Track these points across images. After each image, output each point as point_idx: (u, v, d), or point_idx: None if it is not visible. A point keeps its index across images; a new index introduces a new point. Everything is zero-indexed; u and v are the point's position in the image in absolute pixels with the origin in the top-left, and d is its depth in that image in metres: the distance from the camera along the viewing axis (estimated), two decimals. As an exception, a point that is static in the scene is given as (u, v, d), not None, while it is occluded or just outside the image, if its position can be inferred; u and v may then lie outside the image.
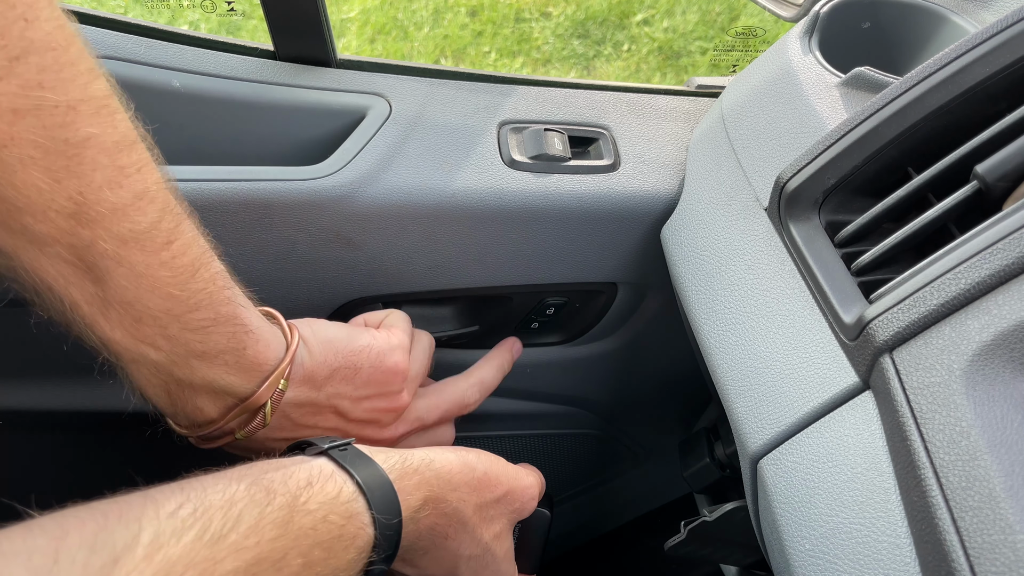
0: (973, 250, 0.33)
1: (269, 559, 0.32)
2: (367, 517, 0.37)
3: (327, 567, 0.35)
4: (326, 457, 0.39)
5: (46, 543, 0.27)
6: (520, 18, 1.98)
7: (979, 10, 0.50)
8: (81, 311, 0.36)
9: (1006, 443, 0.29)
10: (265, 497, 0.34)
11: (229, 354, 0.40)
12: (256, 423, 0.42)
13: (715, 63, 1.78)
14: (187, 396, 0.41)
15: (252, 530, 0.32)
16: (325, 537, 0.35)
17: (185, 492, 0.32)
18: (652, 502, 0.94)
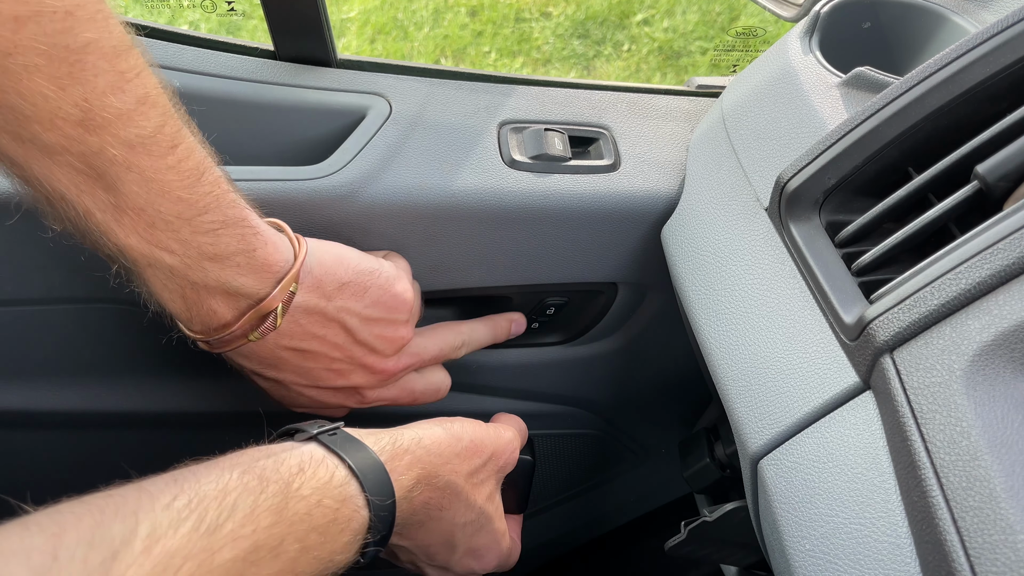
0: (974, 250, 0.33)
1: (266, 546, 0.33)
2: (361, 500, 0.37)
3: (324, 551, 0.35)
4: (316, 442, 0.39)
5: (44, 541, 0.27)
6: (520, 18, 1.98)
7: (979, 10, 0.50)
8: (95, 219, 0.36)
9: (1007, 443, 0.29)
10: (258, 485, 0.34)
11: (240, 255, 0.40)
12: (267, 325, 0.43)
13: (715, 63, 1.78)
14: (202, 299, 0.41)
15: (248, 518, 0.32)
16: (320, 522, 0.35)
17: (179, 483, 0.32)
18: (652, 502, 0.94)
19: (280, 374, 0.47)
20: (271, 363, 0.46)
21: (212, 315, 0.42)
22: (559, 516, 0.89)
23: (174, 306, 0.41)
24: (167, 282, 0.40)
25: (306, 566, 0.35)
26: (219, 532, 0.31)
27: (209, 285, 0.40)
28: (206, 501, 0.32)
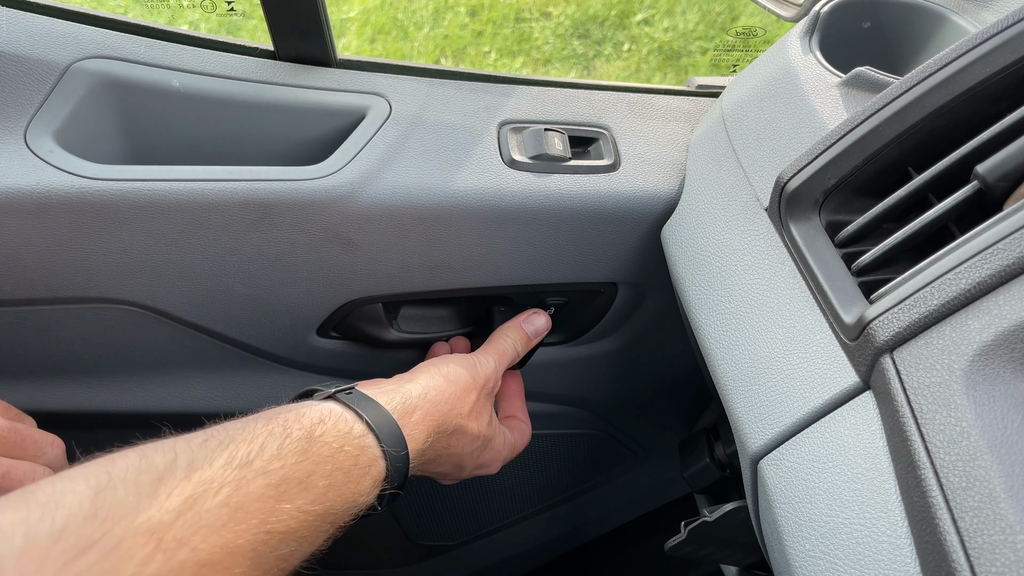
0: (974, 250, 0.33)
1: (295, 478, 0.36)
2: (378, 451, 0.41)
3: (347, 490, 0.38)
4: (333, 400, 0.42)
5: (98, 467, 0.31)
6: (520, 18, 1.98)
7: (979, 10, 0.50)
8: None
9: (1006, 443, 0.29)
10: (283, 431, 0.37)
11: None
12: None
13: (715, 63, 1.78)
14: None
15: (275, 456, 0.36)
16: (343, 464, 0.38)
17: (208, 431, 0.36)
18: (652, 502, 0.94)
19: None
20: None
21: None
22: (559, 516, 0.89)
23: None
24: None
25: (333, 501, 0.38)
26: (249, 466, 0.35)
27: None
28: (236, 441, 0.35)
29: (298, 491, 0.36)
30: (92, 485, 0.30)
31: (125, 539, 0.29)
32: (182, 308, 0.55)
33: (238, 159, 0.56)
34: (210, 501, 0.32)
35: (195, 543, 0.31)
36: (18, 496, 0.29)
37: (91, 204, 0.49)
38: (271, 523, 0.34)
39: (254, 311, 0.56)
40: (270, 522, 0.34)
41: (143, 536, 0.30)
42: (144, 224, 0.50)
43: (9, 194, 0.48)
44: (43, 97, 0.50)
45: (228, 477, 0.33)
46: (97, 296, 0.53)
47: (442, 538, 0.85)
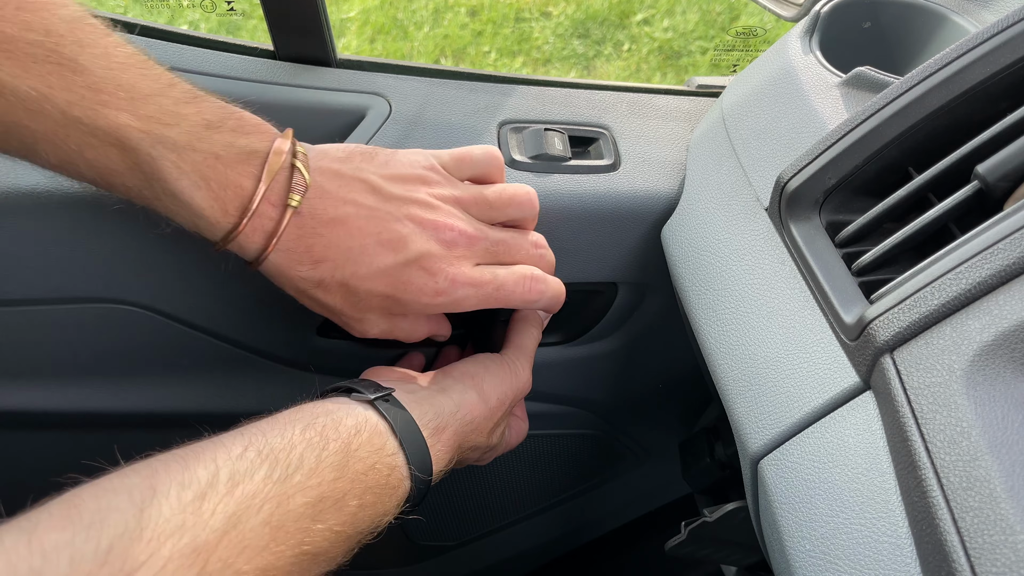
0: (974, 250, 0.33)
1: (331, 498, 0.36)
2: (406, 471, 0.40)
3: (376, 510, 0.39)
4: (371, 407, 0.41)
5: (141, 480, 0.31)
6: (520, 18, 1.98)
7: (980, 10, 0.50)
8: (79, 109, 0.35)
9: (1007, 443, 0.29)
10: (320, 441, 0.37)
11: (230, 120, 0.39)
12: (297, 182, 0.40)
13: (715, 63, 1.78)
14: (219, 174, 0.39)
15: (313, 472, 0.35)
16: (374, 483, 0.38)
17: (246, 437, 0.35)
18: (652, 502, 0.94)
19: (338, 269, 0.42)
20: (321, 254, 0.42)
21: (239, 190, 0.39)
22: (559, 516, 0.89)
23: (198, 196, 0.39)
24: (180, 164, 0.38)
25: (362, 521, 0.38)
26: (289, 481, 0.34)
27: (219, 153, 0.38)
28: (275, 453, 0.35)
29: (333, 511, 0.36)
30: (137, 502, 0.30)
31: (171, 560, 0.29)
32: (182, 308, 0.55)
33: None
34: (253, 519, 0.32)
35: (239, 565, 0.31)
36: (61, 513, 0.29)
37: (91, 204, 0.49)
38: (306, 544, 0.34)
39: (254, 311, 0.56)
40: (305, 543, 0.34)
41: (189, 557, 0.29)
42: (144, 224, 0.50)
43: (9, 194, 0.48)
44: (43, 97, 0.50)
45: (270, 492, 0.33)
46: (97, 296, 0.53)
47: (442, 538, 0.85)
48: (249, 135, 0.40)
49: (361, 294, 0.43)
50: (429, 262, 0.43)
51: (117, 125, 0.36)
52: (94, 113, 0.36)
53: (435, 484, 0.49)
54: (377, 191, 0.43)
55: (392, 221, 0.42)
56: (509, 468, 0.78)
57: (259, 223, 0.40)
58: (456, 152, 0.48)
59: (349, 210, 0.42)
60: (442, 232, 0.44)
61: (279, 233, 0.40)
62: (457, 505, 0.80)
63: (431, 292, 0.44)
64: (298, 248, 0.41)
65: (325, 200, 0.41)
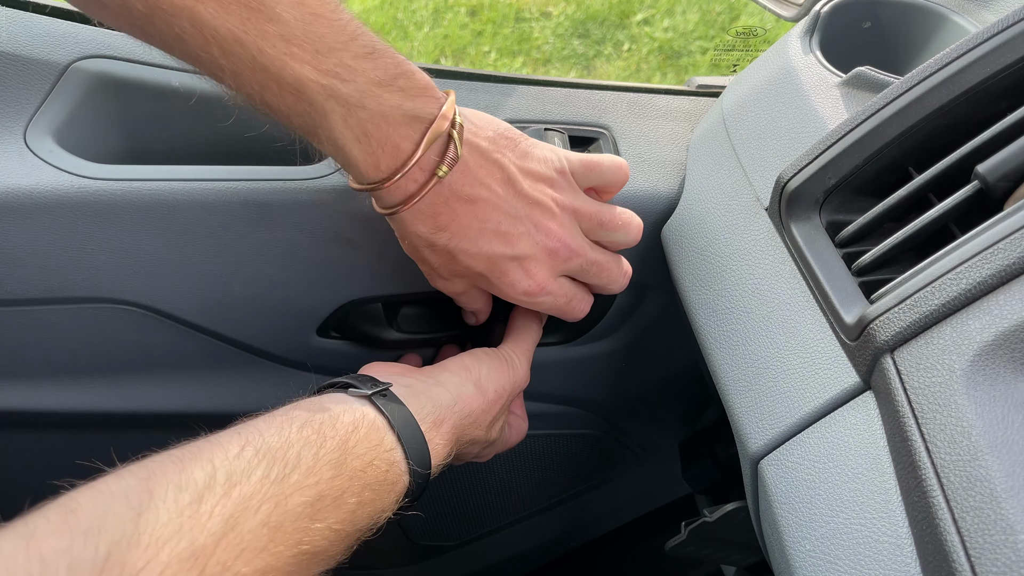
0: (974, 250, 0.33)
1: (329, 496, 0.36)
2: (404, 466, 0.41)
3: (374, 507, 0.39)
4: (368, 402, 0.41)
5: (138, 483, 0.31)
6: (520, 18, 1.98)
7: (980, 10, 0.50)
8: (268, 56, 0.37)
9: (1007, 443, 0.29)
10: (318, 439, 0.37)
11: (401, 79, 0.40)
12: (450, 155, 0.42)
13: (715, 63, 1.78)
14: (382, 132, 0.40)
15: (311, 471, 0.35)
16: (372, 480, 0.38)
17: (243, 435, 0.35)
18: (652, 502, 0.94)
19: (453, 240, 0.45)
20: (445, 223, 0.44)
21: (395, 150, 0.41)
22: (559, 516, 0.89)
23: (356, 149, 0.41)
24: (347, 118, 0.39)
25: (360, 519, 0.38)
26: (287, 480, 0.34)
27: (386, 113, 0.40)
28: (272, 452, 0.35)
29: (331, 509, 0.36)
30: (134, 506, 0.30)
31: (170, 565, 0.29)
32: (182, 308, 0.55)
33: (238, 159, 0.56)
34: (251, 520, 0.32)
35: (238, 568, 0.31)
36: (58, 518, 0.29)
37: (91, 204, 0.49)
38: (304, 543, 0.34)
39: (254, 311, 0.56)
40: (304, 542, 0.34)
41: (187, 562, 0.29)
42: (144, 224, 0.50)
43: (9, 194, 0.48)
44: (42, 97, 0.50)
45: (267, 493, 0.33)
46: (97, 296, 0.53)
47: (442, 538, 0.84)
48: (416, 99, 0.41)
49: (462, 265, 0.46)
50: (530, 264, 0.46)
51: (299, 77, 0.38)
52: (281, 63, 0.37)
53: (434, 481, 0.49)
54: (511, 183, 0.45)
55: (514, 217, 0.45)
56: (509, 468, 0.78)
57: (404, 183, 0.42)
58: (587, 159, 0.50)
59: (482, 193, 0.44)
60: (551, 241, 0.47)
61: (419, 197, 0.42)
62: (457, 505, 0.80)
63: (520, 289, 0.47)
64: (427, 212, 0.43)
65: (466, 177, 0.43)
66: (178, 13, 0.35)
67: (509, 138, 0.46)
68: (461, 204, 0.43)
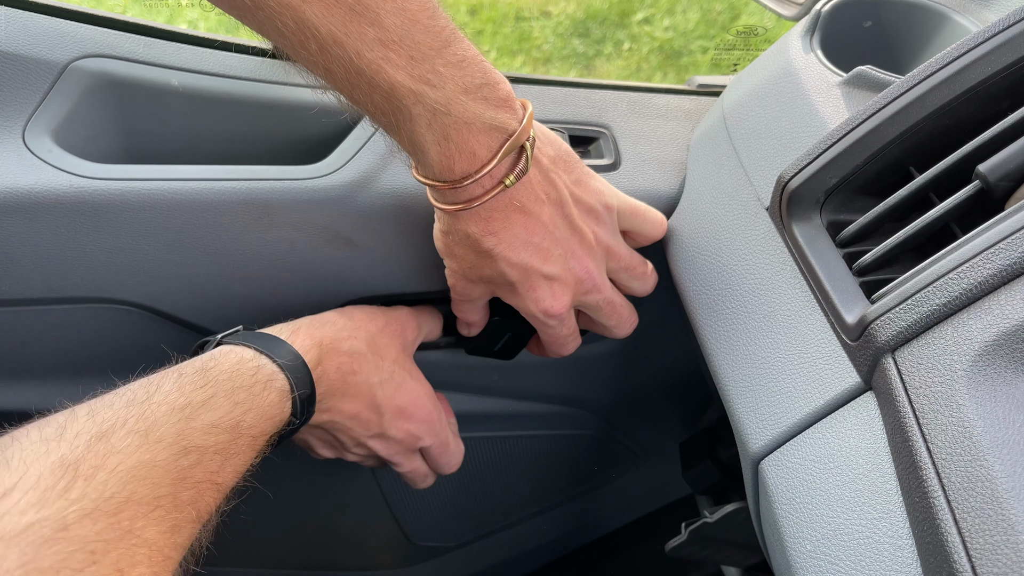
0: (975, 250, 0.33)
1: (197, 402, 0.38)
2: (273, 366, 0.43)
3: (254, 403, 0.41)
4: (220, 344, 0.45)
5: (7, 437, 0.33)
6: (520, 17, 1.98)
7: (981, 9, 0.49)
8: (365, 59, 0.38)
9: (1008, 443, 0.29)
10: (176, 372, 0.40)
11: (486, 88, 0.41)
12: (520, 167, 0.43)
13: (716, 62, 1.78)
14: (463, 138, 0.41)
15: (174, 389, 0.38)
16: (243, 383, 0.41)
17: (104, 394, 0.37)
18: (652, 503, 0.94)
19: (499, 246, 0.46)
20: (496, 228, 0.45)
21: (472, 156, 0.42)
22: (559, 517, 0.88)
23: (434, 151, 0.41)
24: (432, 122, 0.40)
25: (243, 415, 0.39)
26: (149, 400, 0.36)
27: (469, 120, 0.41)
28: (131, 388, 0.37)
29: (203, 411, 0.37)
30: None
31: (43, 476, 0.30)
32: (181, 308, 0.55)
33: (237, 158, 0.56)
34: (119, 432, 0.33)
35: (112, 465, 0.32)
36: None
37: (90, 204, 0.49)
38: (186, 439, 0.35)
39: (254, 311, 0.56)
40: (184, 438, 0.35)
41: (59, 469, 0.30)
42: (143, 224, 0.50)
43: (8, 194, 0.47)
44: (41, 96, 0.50)
45: (131, 412, 0.35)
46: (96, 296, 0.53)
47: (442, 539, 0.84)
48: (498, 109, 0.42)
49: (495, 269, 0.47)
50: (558, 287, 0.48)
51: (392, 82, 0.38)
52: (376, 68, 0.38)
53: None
54: (562, 205, 0.47)
55: (556, 238, 0.46)
56: (509, 468, 0.78)
57: (472, 188, 0.43)
58: (635, 206, 0.52)
59: (536, 208, 0.45)
60: (581, 270, 0.49)
61: (482, 201, 0.43)
62: (456, 506, 0.80)
63: (543, 307, 0.48)
64: (483, 215, 0.44)
65: (526, 190, 0.44)
66: (283, 10, 0.35)
67: (567, 161, 0.48)
68: (516, 214, 0.45)
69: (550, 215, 0.46)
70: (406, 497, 0.75)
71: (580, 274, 0.48)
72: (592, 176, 0.49)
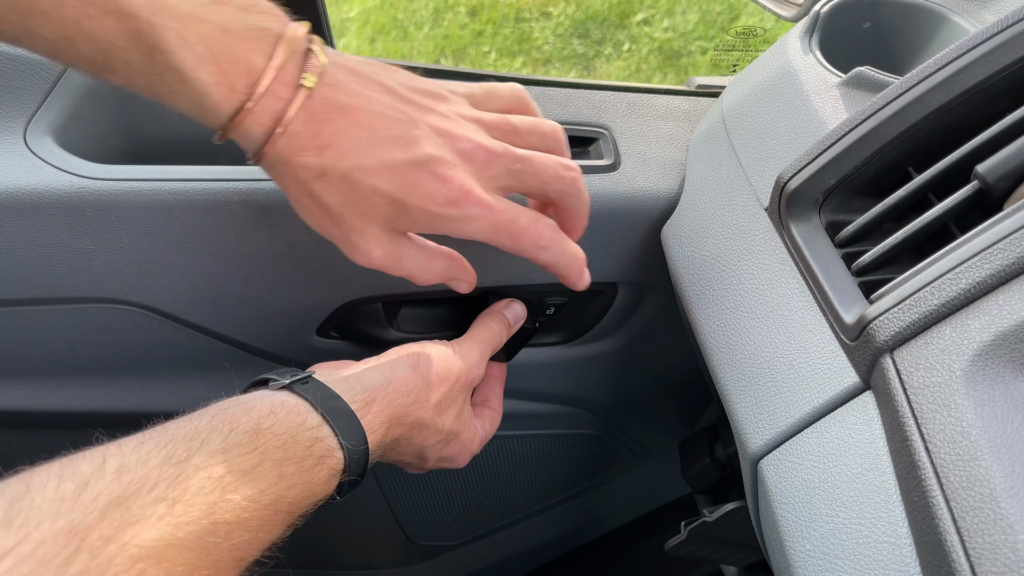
0: (974, 250, 0.33)
1: (240, 470, 0.33)
2: (334, 442, 0.38)
3: (300, 480, 0.36)
4: (287, 391, 0.39)
5: (17, 480, 0.29)
6: (520, 18, 1.98)
7: (980, 10, 0.50)
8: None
9: (1007, 443, 0.29)
10: (228, 426, 0.34)
11: None
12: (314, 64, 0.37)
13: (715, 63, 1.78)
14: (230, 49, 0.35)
15: (218, 451, 0.33)
16: (294, 455, 0.36)
17: (147, 432, 0.33)
18: (652, 502, 0.94)
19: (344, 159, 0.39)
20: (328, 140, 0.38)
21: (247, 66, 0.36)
22: (559, 516, 0.89)
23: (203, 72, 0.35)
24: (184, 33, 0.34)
25: (286, 490, 0.35)
26: (188, 462, 0.32)
27: (228, 27, 0.35)
28: (175, 441, 0.32)
29: (244, 481, 0.33)
30: (8, 497, 0.28)
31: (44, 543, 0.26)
32: (182, 308, 0.55)
33: (237, 159, 0.56)
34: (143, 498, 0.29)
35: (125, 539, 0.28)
36: None
37: (91, 204, 0.49)
38: (217, 513, 0.31)
39: (254, 311, 0.56)
40: (216, 512, 0.31)
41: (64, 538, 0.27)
42: (144, 224, 0.50)
43: (9, 194, 0.48)
44: (43, 97, 0.50)
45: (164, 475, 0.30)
46: (97, 296, 0.53)
47: (442, 538, 0.85)
48: (261, 14, 0.37)
49: (364, 191, 0.39)
50: (441, 167, 0.39)
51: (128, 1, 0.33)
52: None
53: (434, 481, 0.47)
54: (394, 93, 0.40)
55: (406, 121, 0.39)
56: (509, 468, 0.78)
57: (268, 103, 0.37)
58: (485, 85, 0.46)
59: (362, 102, 0.39)
60: (458, 142, 0.40)
61: (289, 115, 0.37)
62: (457, 505, 0.80)
63: (441, 200, 0.39)
64: (305, 132, 0.38)
65: (338, 89, 0.38)
66: None
67: (387, 65, 0.41)
68: (340, 115, 0.38)
69: (386, 103, 0.39)
70: (406, 496, 0.75)
71: (461, 146, 0.40)
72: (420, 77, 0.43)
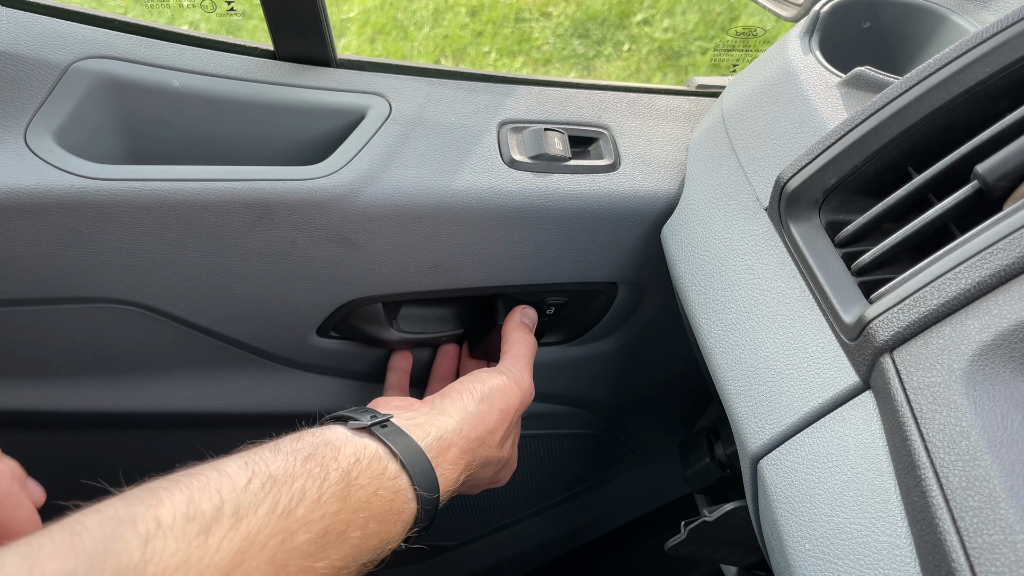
0: (973, 250, 0.33)
1: (334, 531, 0.36)
2: (411, 493, 0.40)
3: (379, 539, 0.39)
4: (369, 434, 0.41)
5: (146, 510, 0.30)
6: (520, 18, 1.98)
7: (979, 10, 0.50)
8: None
9: (1006, 443, 0.29)
10: (321, 471, 0.37)
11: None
12: None
13: (715, 63, 1.78)
14: None
15: (316, 504, 0.36)
16: (377, 511, 0.38)
17: (249, 467, 0.35)
18: (652, 502, 0.94)
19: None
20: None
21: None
22: (559, 516, 0.89)
23: None
24: None
25: (365, 552, 0.38)
26: (293, 515, 0.34)
27: None
28: (278, 485, 0.35)
29: (335, 546, 0.36)
30: (141, 533, 0.29)
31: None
32: (182, 308, 0.55)
33: (238, 159, 0.56)
34: (257, 558, 0.32)
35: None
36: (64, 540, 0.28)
37: (91, 204, 0.49)
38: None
39: (254, 311, 0.56)
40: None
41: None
42: (144, 224, 0.50)
43: (9, 194, 0.48)
44: (43, 97, 0.50)
45: (274, 528, 0.33)
46: (97, 296, 0.53)
47: (442, 538, 0.85)
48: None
49: None
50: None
51: None
52: None
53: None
54: None
55: None
56: (509, 468, 0.78)
57: None
58: None
59: None
60: None
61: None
62: (457, 505, 0.80)
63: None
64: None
65: None
66: None
67: None
68: None
69: None
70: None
71: None
72: None
